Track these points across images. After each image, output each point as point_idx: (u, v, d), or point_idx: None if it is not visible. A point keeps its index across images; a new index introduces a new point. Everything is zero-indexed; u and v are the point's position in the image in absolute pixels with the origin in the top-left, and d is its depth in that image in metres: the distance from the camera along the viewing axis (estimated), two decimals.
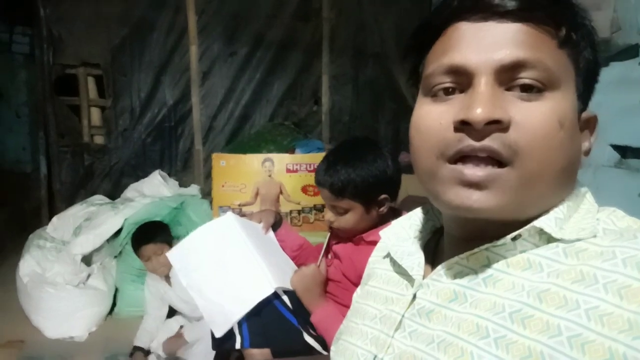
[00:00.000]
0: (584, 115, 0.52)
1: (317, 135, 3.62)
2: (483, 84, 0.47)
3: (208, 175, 3.21)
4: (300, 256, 1.51)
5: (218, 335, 1.25)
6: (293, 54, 3.51)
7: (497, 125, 0.46)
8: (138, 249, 2.25)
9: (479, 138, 0.47)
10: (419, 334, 0.54)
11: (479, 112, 0.46)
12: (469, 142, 0.47)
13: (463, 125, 0.47)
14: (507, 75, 0.47)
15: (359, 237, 1.22)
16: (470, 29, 0.49)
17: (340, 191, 1.19)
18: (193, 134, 3.47)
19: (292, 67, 3.53)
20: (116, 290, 2.63)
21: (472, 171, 0.47)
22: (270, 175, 2.97)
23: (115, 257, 2.69)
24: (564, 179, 0.50)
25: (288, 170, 2.98)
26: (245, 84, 3.48)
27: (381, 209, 1.20)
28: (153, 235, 2.23)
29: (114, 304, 2.62)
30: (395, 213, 1.23)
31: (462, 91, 0.50)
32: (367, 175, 1.16)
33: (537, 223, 0.49)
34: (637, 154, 1.69)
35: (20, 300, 2.51)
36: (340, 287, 1.27)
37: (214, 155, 3.07)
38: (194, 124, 3.46)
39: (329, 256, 1.35)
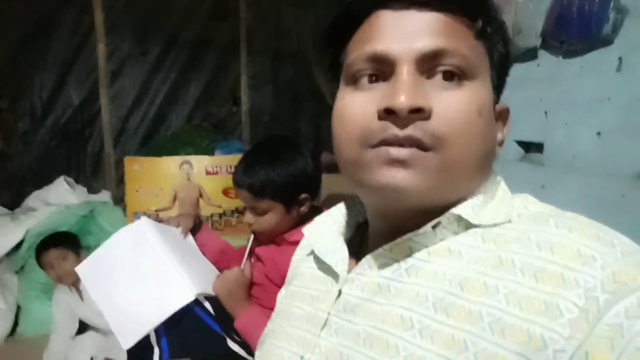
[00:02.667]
0: (498, 107, 0.55)
1: (237, 136, 3.56)
2: (405, 72, 0.48)
3: (120, 181, 3.04)
4: (222, 260, 1.46)
5: (125, 346, 1.17)
6: (209, 54, 3.42)
7: (420, 114, 0.46)
8: (39, 256, 2.11)
9: (403, 126, 0.47)
10: (345, 330, 0.53)
11: (402, 100, 0.46)
12: (393, 131, 0.47)
13: (387, 114, 0.47)
14: (428, 64, 0.48)
15: (280, 237, 1.20)
16: (391, 17, 0.50)
17: (259, 191, 1.17)
18: (103, 137, 3.27)
19: (209, 68, 3.44)
20: (18, 308, 2.43)
21: (397, 150, 0.47)
22: (188, 179, 2.87)
23: (17, 272, 2.47)
24: (481, 167, 0.51)
25: (208, 173, 2.90)
26: (159, 84, 3.34)
27: (302, 208, 1.19)
28: (56, 242, 2.12)
29: (15, 324, 2.41)
30: (316, 212, 1.22)
31: (384, 80, 0.50)
32: (286, 174, 1.16)
33: (455, 210, 0.50)
34: (539, 148, 1.82)
35: None
36: (264, 290, 1.25)
37: (127, 159, 2.92)
38: (103, 126, 3.25)
39: (252, 259, 1.32)
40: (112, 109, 3.25)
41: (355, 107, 0.51)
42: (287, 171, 1.16)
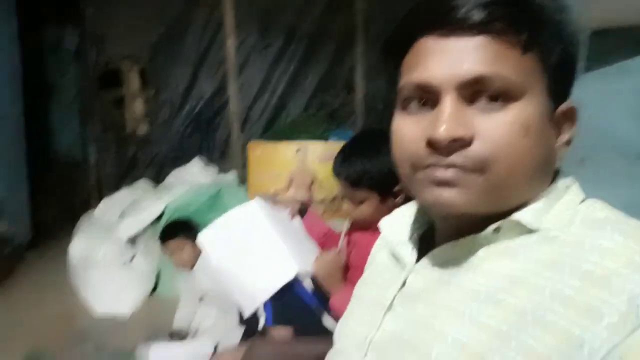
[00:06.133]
0: (562, 107, 0.54)
1: (350, 124, 3.65)
2: (447, 101, 0.50)
3: (245, 163, 3.32)
4: (325, 243, 1.56)
5: (246, 315, 1.33)
6: (326, 45, 3.55)
7: (461, 141, 0.49)
8: (162, 244, 2.34)
9: (446, 154, 0.50)
10: (406, 316, 0.58)
11: (441, 131, 0.49)
12: (437, 159, 0.51)
13: (430, 143, 0.51)
14: (470, 90, 0.50)
15: (376, 226, 1.25)
16: (434, 45, 0.52)
17: (356, 182, 1.22)
18: (230, 124, 3.58)
19: (326, 58, 3.57)
20: (158, 271, 2.77)
21: (443, 171, 0.51)
22: (303, 164, 3.02)
23: (158, 240, 2.83)
24: (537, 177, 0.53)
25: (321, 159, 3.03)
26: (280, 74, 3.56)
27: (397, 200, 1.22)
28: (174, 233, 2.29)
29: (156, 285, 2.77)
30: None
31: (433, 105, 0.52)
32: (382, 166, 1.18)
33: (515, 216, 0.52)
34: None
35: (71, 279, 2.71)
36: (358, 274, 1.31)
37: (250, 144, 3.15)
38: (230, 115, 3.56)
39: (349, 244, 1.40)
40: (239, 99, 3.54)
41: (406, 132, 0.54)
42: (383, 163, 1.18)
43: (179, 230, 2.30)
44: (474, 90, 0.50)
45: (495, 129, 0.49)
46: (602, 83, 1.59)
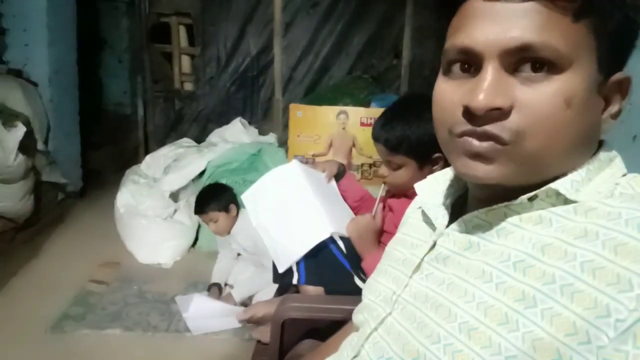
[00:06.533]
0: (615, 77, 0.51)
1: (395, 89, 3.60)
2: (489, 69, 0.49)
3: (286, 125, 3.35)
4: (360, 207, 1.57)
5: (281, 270, 1.38)
6: (375, 5, 3.46)
7: (499, 111, 0.48)
8: (197, 214, 2.40)
9: (481, 123, 0.50)
10: (434, 276, 0.60)
11: (480, 99, 0.48)
12: (471, 127, 0.51)
13: (467, 111, 0.50)
14: (514, 58, 0.48)
15: (412, 192, 1.25)
16: (481, 7, 0.50)
17: (394, 147, 1.21)
18: (274, 84, 3.59)
19: (374, 19, 3.49)
20: (199, 226, 2.87)
21: (477, 143, 0.51)
22: (344, 128, 3.03)
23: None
24: (577, 149, 0.52)
25: (362, 124, 3.02)
26: (326, 36, 3.51)
27: (435, 167, 1.22)
28: (206, 205, 2.31)
29: (196, 239, 2.88)
30: None
31: (476, 70, 0.51)
32: (422, 133, 1.17)
33: (553, 185, 0.51)
34: None
35: (118, 228, 2.85)
36: (392, 238, 1.33)
37: (292, 106, 3.17)
38: (274, 75, 3.57)
39: (385, 208, 1.41)
40: (283, 59, 3.54)
41: (446, 96, 0.54)
42: (423, 130, 1.17)
43: (211, 200, 2.33)
44: (518, 59, 0.49)
45: (536, 100, 0.48)
46: None
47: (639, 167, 0.56)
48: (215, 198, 2.34)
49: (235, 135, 3.35)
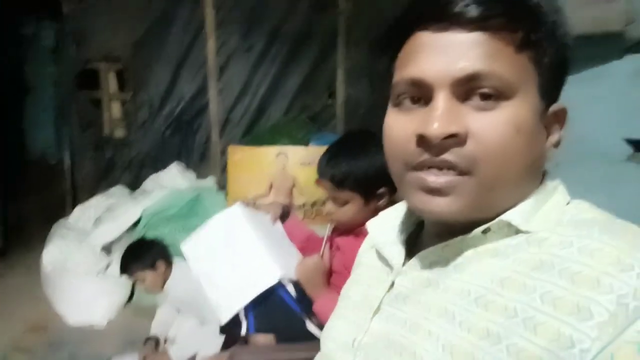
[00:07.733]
0: (553, 108, 0.54)
1: (331, 128, 3.65)
2: (440, 98, 0.49)
3: (225, 168, 3.29)
4: (307, 247, 1.54)
5: (224, 321, 1.30)
6: (308, 47, 3.55)
7: (454, 139, 0.48)
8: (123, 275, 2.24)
9: (438, 153, 0.49)
10: (395, 317, 0.57)
11: (435, 127, 0.48)
12: (428, 157, 0.50)
13: (422, 140, 0.50)
14: (464, 87, 0.49)
15: (359, 229, 1.24)
16: (429, 40, 0.51)
17: (340, 182, 1.21)
18: (210, 127, 3.54)
19: (307, 61, 3.57)
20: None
21: (434, 178, 0.50)
22: (284, 169, 3.01)
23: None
24: (526, 178, 0.52)
25: (302, 163, 3.02)
26: (261, 77, 3.53)
27: (380, 202, 1.22)
28: (128, 266, 2.16)
29: (132, 293, 2.71)
30: None
31: (426, 102, 0.52)
32: (368, 166, 1.18)
33: (504, 217, 0.51)
34: None
35: (45, 288, 2.63)
36: (342, 278, 1.30)
37: (230, 148, 3.13)
38: (211, 117, 3.52)
39: (332, 248, 1.38)
40: (219, 101, 3.51)
41: (397, 129, 0.54)
42: (369, 164, 1.18)
43: (134, 260, 2.16)
44: (468, 88, 0.49)
45: (487, 127, 0.49)
46: (579, 87, 1.61)
47: None
48: (139, 257, 2.17)
49: (172, 180, 3.24)
